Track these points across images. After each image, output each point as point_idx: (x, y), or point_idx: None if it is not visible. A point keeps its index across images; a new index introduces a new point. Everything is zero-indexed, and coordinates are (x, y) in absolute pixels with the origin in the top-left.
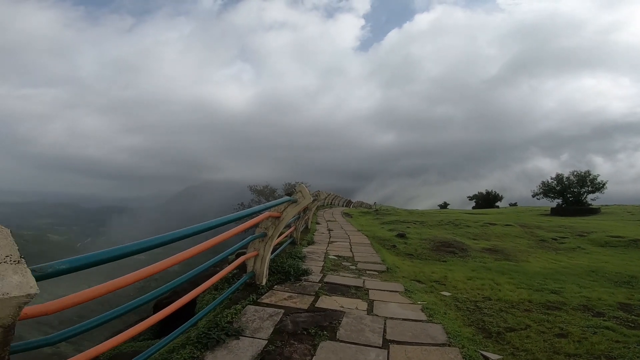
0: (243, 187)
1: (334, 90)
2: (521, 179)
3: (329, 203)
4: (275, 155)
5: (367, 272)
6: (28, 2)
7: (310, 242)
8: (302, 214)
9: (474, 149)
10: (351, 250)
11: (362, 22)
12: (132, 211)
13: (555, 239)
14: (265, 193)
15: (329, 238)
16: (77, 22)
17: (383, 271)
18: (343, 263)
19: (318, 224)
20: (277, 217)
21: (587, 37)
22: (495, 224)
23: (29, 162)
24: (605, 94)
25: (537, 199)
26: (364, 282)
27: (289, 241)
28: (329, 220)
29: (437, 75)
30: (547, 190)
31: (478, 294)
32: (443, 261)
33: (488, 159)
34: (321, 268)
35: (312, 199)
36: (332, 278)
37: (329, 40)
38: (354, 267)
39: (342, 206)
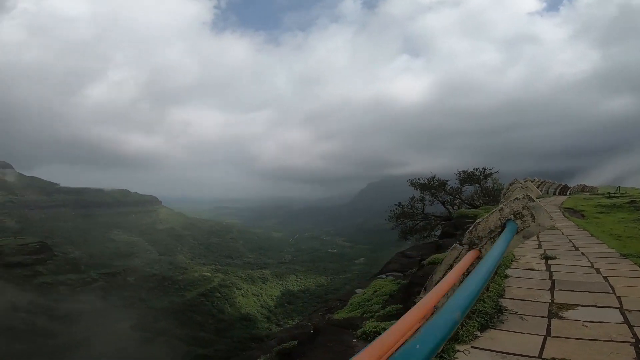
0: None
1: (524, 61)
2: None
3: None
4: (458, 143)
5: None
6: (223, 35)
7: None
8: None
9: None
10: None
11: None
12: (325, 210)
13: None
14: (431, 187)
15: (551, 301)
16: (264, 45)
17: None
18: None
19: None
20: None
21: None
22: None
23: (256, 175)
24: None
25: None
26: None
27: None
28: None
29: None
30: None
31: None
32: None
33: None
34: None
35: None
36: None
37: (503, 6)
38: None
39: (555, 194)
